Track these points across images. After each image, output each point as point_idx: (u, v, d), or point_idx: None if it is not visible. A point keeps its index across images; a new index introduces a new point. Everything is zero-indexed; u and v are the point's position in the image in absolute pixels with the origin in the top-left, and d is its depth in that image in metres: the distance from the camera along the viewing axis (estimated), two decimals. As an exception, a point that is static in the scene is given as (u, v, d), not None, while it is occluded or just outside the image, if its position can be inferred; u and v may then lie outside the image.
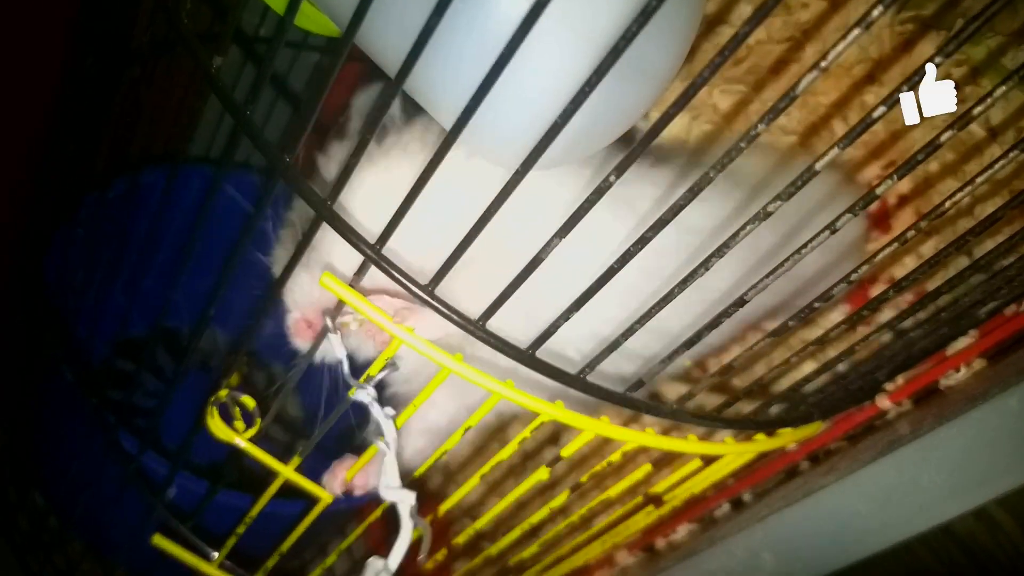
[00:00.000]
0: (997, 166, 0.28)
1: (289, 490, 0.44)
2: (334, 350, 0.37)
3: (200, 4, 0.63)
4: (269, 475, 0.43)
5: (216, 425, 0.42)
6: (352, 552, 0.66)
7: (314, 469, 0.45)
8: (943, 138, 0.27)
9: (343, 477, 0.46)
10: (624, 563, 0.64)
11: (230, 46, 0.33)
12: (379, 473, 0.37)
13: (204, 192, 0.38)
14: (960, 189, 0.28)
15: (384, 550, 0.49)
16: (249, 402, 0.44)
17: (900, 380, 0.50)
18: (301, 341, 0.47)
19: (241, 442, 0.42)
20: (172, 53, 0.54)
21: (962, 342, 0.48)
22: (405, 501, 0.37)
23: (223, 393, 0.42)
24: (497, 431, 0.64)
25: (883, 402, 0.49)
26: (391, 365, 0.36)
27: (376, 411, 0.37)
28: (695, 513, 0.60)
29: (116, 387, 0.59)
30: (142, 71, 0.53)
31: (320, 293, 0.45)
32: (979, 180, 0.28)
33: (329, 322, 0.37)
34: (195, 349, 0.43)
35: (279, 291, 0.39)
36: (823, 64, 0.24)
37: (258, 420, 0.43)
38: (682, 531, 0.61)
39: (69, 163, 0.59)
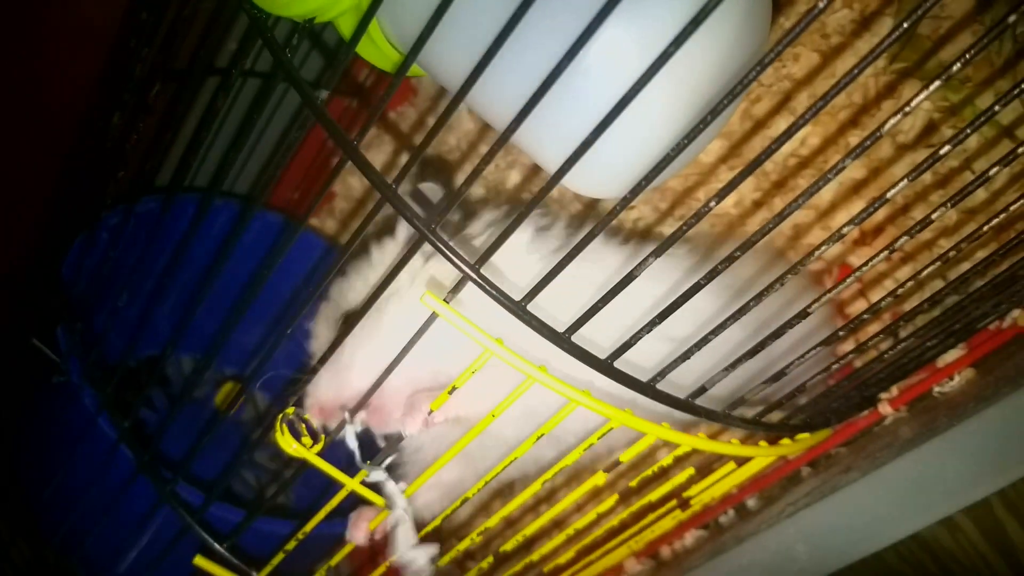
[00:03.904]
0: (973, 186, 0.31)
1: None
2: (348, 441, 0.45)
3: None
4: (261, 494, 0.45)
5: (285, 440, 0.43)
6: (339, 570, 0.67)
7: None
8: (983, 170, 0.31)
9: (365, 527, 0.50)
10: (632, 571, 0.67)
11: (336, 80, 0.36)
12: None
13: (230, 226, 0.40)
14: (942, 205, 0.32)
15: (369, 569, 0.51)
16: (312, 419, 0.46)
17: (895, 390, 0.55)
18: (316, 422, 0.51)
19: (310, 457, 0.43)
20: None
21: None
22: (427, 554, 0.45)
23: (290, 411, 0.44)
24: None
25: (884, 408, 0.55)
26: (396, 450, 0.47)
27: (390, 487, 0.44)
28: (702, 520, 0.64)
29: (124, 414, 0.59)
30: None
31: (336, 392, 0.50)
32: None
33: (347, 415, 0.45)
34: (199, 383, 0.44)
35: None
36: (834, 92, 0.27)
37: (322, 436, 0.44)
38: (689, 538, 0.64)
39: (96, 182, 0.59)
